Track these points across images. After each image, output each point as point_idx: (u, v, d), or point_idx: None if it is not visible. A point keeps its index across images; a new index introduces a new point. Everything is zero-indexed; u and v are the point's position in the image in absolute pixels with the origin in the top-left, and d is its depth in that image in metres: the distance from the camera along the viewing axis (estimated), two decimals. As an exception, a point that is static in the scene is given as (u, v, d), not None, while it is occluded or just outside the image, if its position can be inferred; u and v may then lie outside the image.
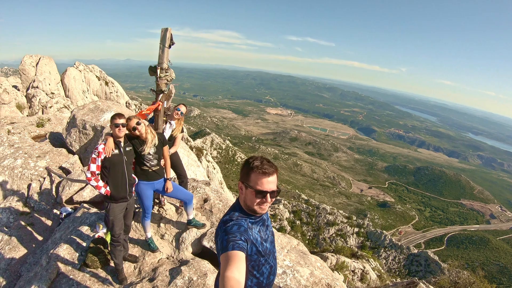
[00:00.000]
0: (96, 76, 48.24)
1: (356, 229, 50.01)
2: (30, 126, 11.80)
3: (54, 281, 4.29)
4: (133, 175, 4.43)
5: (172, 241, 5.36)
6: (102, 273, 4.54)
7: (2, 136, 9.47)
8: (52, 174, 8.87)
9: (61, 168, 9.56)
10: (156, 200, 5.99)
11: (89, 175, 3.95)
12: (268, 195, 1.95)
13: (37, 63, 31.69)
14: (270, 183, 1.95)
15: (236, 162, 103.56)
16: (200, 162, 42.48)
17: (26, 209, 7.28)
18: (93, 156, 3.96)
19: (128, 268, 4.70)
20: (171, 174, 5.33)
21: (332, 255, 15.09)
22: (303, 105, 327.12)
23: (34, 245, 6.03)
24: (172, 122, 5.56)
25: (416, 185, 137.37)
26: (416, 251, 44.56)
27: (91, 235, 5.35)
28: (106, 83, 49.08)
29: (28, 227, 6.48)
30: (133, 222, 5.61)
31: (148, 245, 5.11)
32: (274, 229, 7.04)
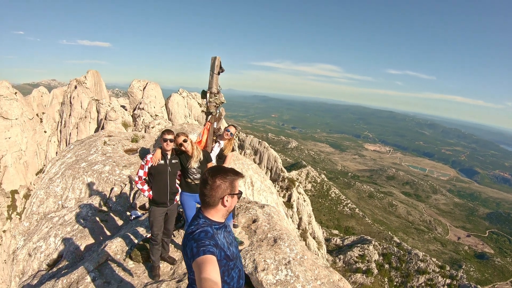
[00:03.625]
0: (198, 103, 53.44)
1: (448, 281, 45.16)
2: (125, 140, 13.84)
3: (102, 265, 5.13)
4: (177, 185, 5.10)
5: (210, 252, 5.82)
6: (141, 267, 5.24)
7: (97, 145, 11.42)
8: (133, 182, 10.31)
9: (141, 178, 11.02)
10: (203, 213, 6.58)
11: (136, 178, 4.78)
12: None
13: (144, 87, 36.94)
14: None
15: (329, 197, 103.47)
16: (291, 192, 42.96)
17: (104, 208, 8.62)
18: (142, 163, 4.79)
19: (165, 268, 5.32)
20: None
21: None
22: (402, 142, 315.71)
23: (102, 238, 7.14)
24: (221, 141, 6.14)
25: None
26: (511, 312, 38.18)
27: (144, 235, 6.17)
28: (207, 110, 53.90)
29: (101, 223, 7.69)
30: (180, 229, 6.31)
31: (187, 252, 5.65)
32: (326, 261, 7.01)
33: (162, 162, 4.83)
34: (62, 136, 41.50)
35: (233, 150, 6.42)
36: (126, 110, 33.00)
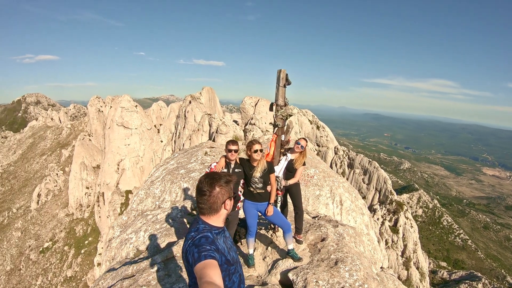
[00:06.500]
0: (309, 120, 54.02)
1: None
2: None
3: (169, 259, 5.82)
4: (239, 193, 5.44)
5: (269, 264, 6.01)
6: (201, 267, 5.74)
7: (198, 155, 12.72)
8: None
9: (232, 188, 11.89)
10: (271, 225, 6.78)
11: None
12: None
13: (256, 104, 38.98)
14: None
15: (441, 225, 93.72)
16: (398, 216, 39.99)
17: (194, 212, 9.55)
18: (206, 170, 5.30)
19: (223, 271, 5.73)
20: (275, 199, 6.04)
21: None
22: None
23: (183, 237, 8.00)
24: (289, 155, 6.22)
25: None
26: None
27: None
28: (318, 127, 54.22)
29: (187, 224, 8.56)
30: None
31: (247, 260, 5.92)
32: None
33: (225, 170, 5.23)
34: (176, 146, 47.02)
35: (304, 164, 6.42)
36: (238, 124, 35.45)
